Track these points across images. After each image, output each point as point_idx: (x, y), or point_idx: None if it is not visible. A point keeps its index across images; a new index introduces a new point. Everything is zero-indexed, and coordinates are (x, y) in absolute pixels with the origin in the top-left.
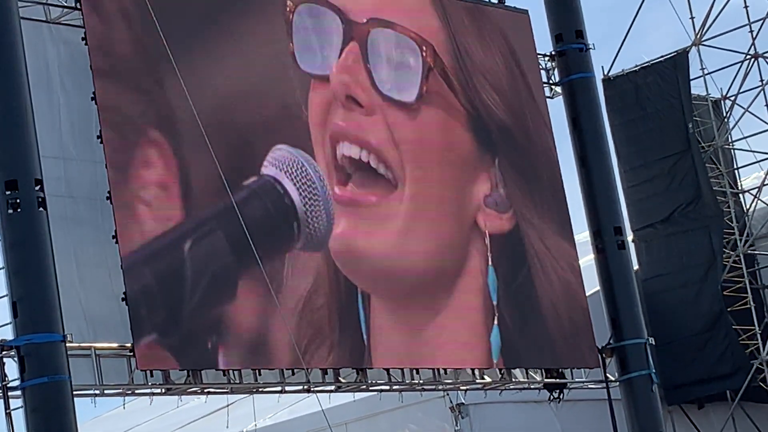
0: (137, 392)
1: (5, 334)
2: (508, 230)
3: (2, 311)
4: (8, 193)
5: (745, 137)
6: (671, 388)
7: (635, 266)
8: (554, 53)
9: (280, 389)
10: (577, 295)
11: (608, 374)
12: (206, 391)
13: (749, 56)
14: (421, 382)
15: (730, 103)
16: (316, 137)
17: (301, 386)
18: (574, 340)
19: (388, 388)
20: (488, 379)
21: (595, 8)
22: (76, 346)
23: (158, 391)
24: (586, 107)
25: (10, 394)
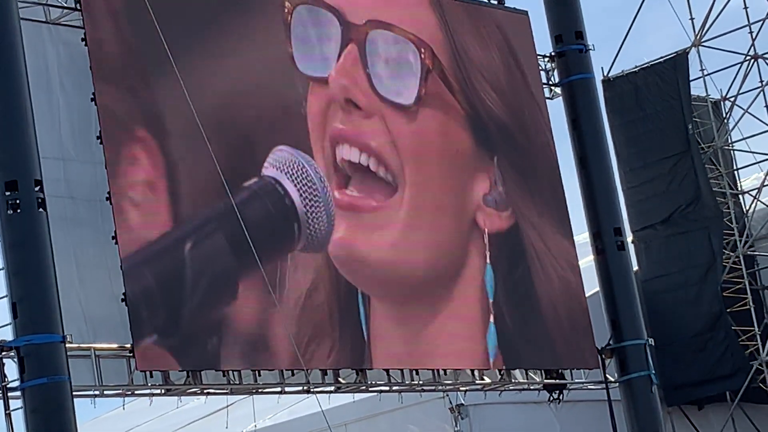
0: (137, 393)
1: (5, 334)
2: (507, 228)
3: (2, 312)
4: (8, 193)
5: (744, 138)
6: (671, 389)
7: (635, 267)
8: (554, 54)
9: (279, 390)
10: (576, 294)
11: (608, 375)
12: (206, 391)
13: (749, 57)
14: (420, 382)
15: (729, 104)
16: (314, 139)
17: (300, 387)
18: (573, 339)
19: (387, 388)
20: (488, 379)
21: (594, 9)
22: (75, 346)
23: (158, 391)
24: (585, 108)
25: (9, 394)
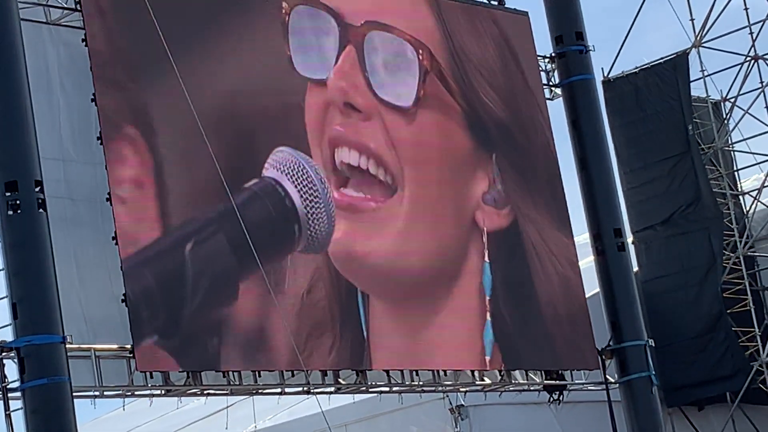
0: (137, 393)
1: (5, 335)
2: (506, 226)
3: (2, 313)
4: (8, 194)
5: (745, 139)
6: (671, 389)
7: (635, 268)
8: (554, 55)
9: (279, 391)
10: (576, 292)
11: (608, 376)
12: (206, 392)
13: (749, 58)
14: (420, 383)
15: (730, 104)
16: (313, 140)
17: (300, 388)
18: (573, 339)
19: (387, 389)
20: (488, 380)
21: (595, 10)
22: (75, 347)
23: (158, 392)
24: (586, 109)
25: (9, 395)
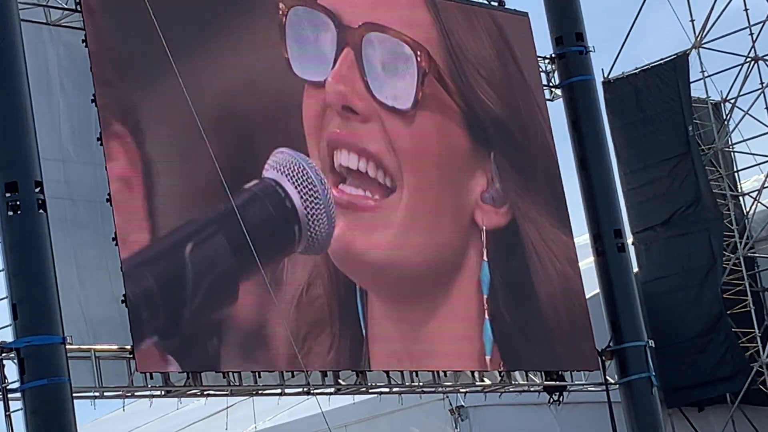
0: (137, 394)
1: (5, 336)
2: (504, 224)
3: (2, 313)
4: (8, 195)
5: (745, 140)
6: (671, 390)
7: (635, 269)
8: (554, 56)
9: (279, 391)
10: (576, 290)
11: (608, 377)
12: (206, 393)
13: (749, 59)
14: (420, 384)
15: (730, 105)
16: (311, 141)
17: (300, 388)
18: (573, 339)
19: (387, 390)
20: (488, 381)
21: (595, 11)
22: (75, 348)
23: (158, 393)
24: (586, 110)
25: (9, 396)
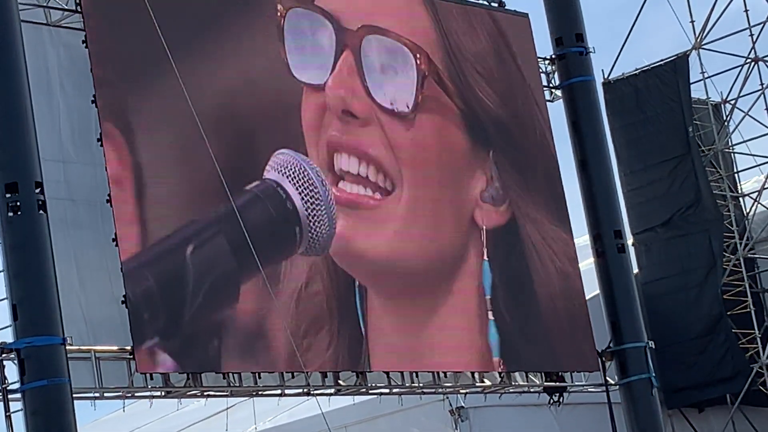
0: (137, 395)
1: (5, 336)
2: (504, 223)
3: (2, 314)
4: (8, 196)
5: (745, 141)
6: (671, 391)
7: (635, 270)
8: (554, 56)
9: (279, 392)
10: (575, 287)
11: (608, 378)
12: (206, 394)
13: (749, 60)
14: (420, 385)
15: (730, 106)
16: (310, 142)
17: (300, 389)
18: (573, 338)
19: (387, 391)
20: (488, 382)
21: (595, 12)
22: (75, 349)
23: (158, 394)
24: (586, 111)
25: (10, 396)
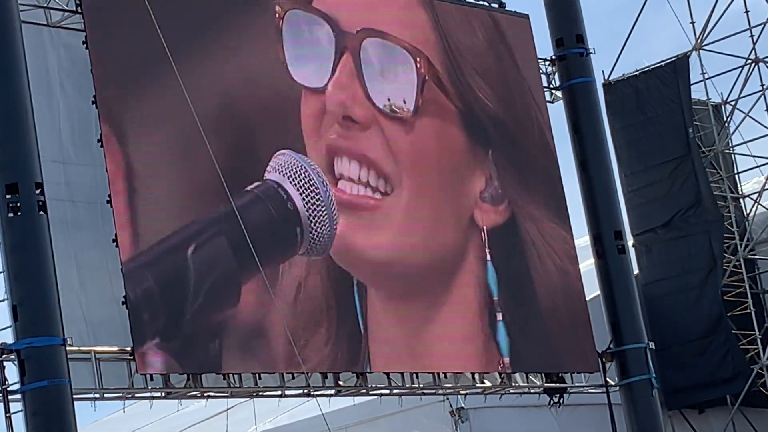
0: (137, 396)
1: (5, 337)
2: (503, 222)
3: (2, 315)
4: (9, 196)
5: (745, 142)
6: (671, 392)
7: (635, 271)
8: (555, 58)
9: (280, 393)
10: (575, 286)
11: (608, 379)
12: (206, 395)
13: (750, 61)
14: (421, 386)
15: (730, 107)
16: (309, 143)
17: (301, 390)
18: (574, 338)
19: (388, 392)
20: (488, 383)
21: (595, 13)
22: (76, 349)
23: (158, 394)
24: (586, 112)
25: (10, 397)
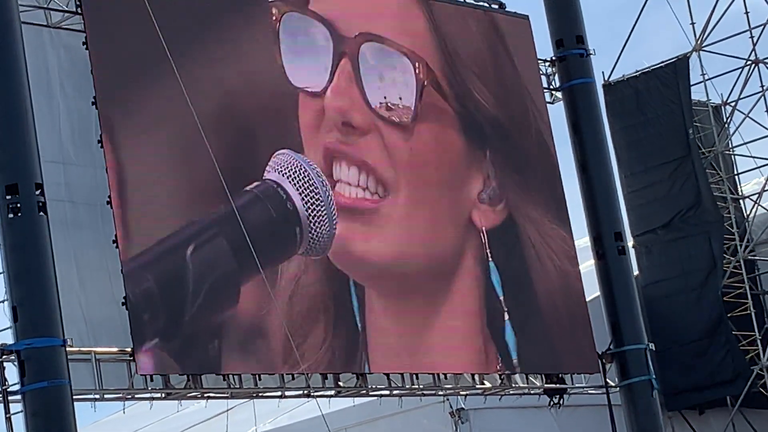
0: (137, 397)
1: (5, 338)
2: (501, 222)
3: (2, 315)
4: (9, 197)
5: (745, 143)
6: (671, 393)
7: (635, 272)
8: (555, 58)
9: (279, 394)
10: (575, 286)
11: (608, 380)
12: (206, 395)
13: (750, 62)
14: (420, 387)
15: (730, 108)
16: (308, 144)
17: (300, 391)
18: (573, 339)
19: (387, 393)
20: (488, 384)
21: (595, 14)
22: (76, 350)
23: (158, 395)
24: (586, 112)
25: (10, 398)
